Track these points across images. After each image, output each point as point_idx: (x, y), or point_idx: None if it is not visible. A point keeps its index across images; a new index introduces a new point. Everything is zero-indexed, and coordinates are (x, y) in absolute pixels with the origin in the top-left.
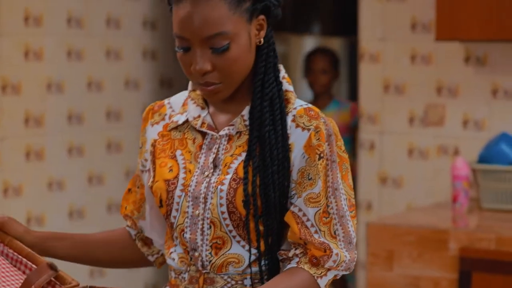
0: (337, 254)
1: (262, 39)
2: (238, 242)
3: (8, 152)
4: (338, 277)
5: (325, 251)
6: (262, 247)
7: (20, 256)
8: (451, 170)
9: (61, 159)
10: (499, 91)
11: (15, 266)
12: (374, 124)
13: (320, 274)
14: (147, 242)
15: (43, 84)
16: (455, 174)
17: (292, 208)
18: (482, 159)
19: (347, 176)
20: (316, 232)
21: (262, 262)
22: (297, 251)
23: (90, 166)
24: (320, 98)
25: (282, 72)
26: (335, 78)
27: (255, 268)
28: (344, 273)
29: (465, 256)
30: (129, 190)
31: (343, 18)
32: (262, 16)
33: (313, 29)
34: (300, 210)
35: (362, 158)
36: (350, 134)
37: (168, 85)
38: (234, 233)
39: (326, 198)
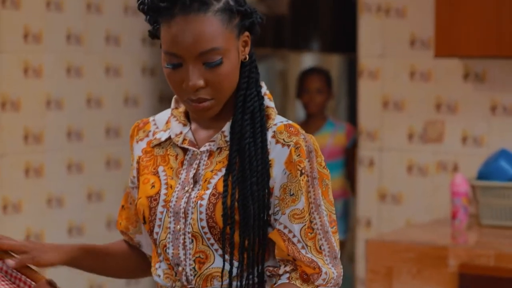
0: (326, 273)
1: (247, 56)
2: (221, 255)
3: (8, 169)
4: None
5: (314, 269)
6: (242, 260)
7: (19, 273)
8: (450, 187)
9: (60, 176)
10: (498, 107)
11: (14, 283)
12: (373, 141)
13: None
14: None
15: (42, 100)
16: (454, 190)
17: (277, 226)
18: (481, 176)
19: (327, 192)
20: (303, 247)
21: (245, 276)
22: (287, 268)
23: (89, 183)
24: (314, 119)
25: (264, 88)
26: (329, 98)
27: (239, 282)
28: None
29: (465, 272)
30: (122, 206)
31: (342, 35)
32: (247, 33)
33: (312, 46)
34: (285, 227)
35: (362, 175)
36: (345, 157)
37: (168, 102)
38: (216, 246)
39: (310, 214)
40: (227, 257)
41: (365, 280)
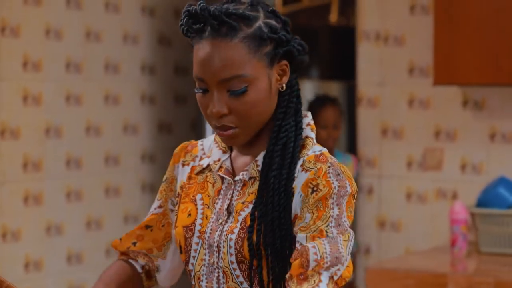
0: (315, 253)
1: (284, 85)
2: None
3: (7, 197)
4: (339, 277)
5: (301, 255)
6: None
7: None
8: (449, 214)
9: (59, 204)
10: (497, 135)
11: None
12: (372, 168)
13: (314, 283)
14: (149, 275)
15: (41, 128)
16: (453, 218)
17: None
18: (481, 203)
19: (351, 217)
20: (300, 244)
21: None
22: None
23: (88, 211)
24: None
25: (308, 119)
26: (341, 128)
27: None
28: (337, 267)
29: None
30: (147, 227)
31: (341, 63)
32: (285, 61)
33: (311, 74)
34: (297, 242)
35: (361, 202)
36: None
37: (167, 130)
38: (245, 284)
39: (327, 226)
40: None
41: None
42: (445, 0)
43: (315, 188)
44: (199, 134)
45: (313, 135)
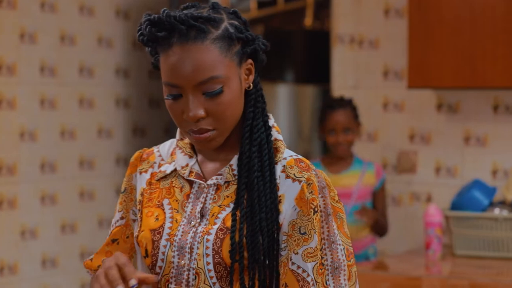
0: None
1: (251, 84)
2: None
3: None
4: None
5: None
6: None
7: None
8: (424, 217)
9: (34, 208)
10: (471, 138)
11: None
12: None
13: None
14: None
15: (16, 132)
16: (428, 221)
17: (290, 266)
18: (455, 206)
19: (342, 225)
20: (313, 285)
21: None
22: None
23: (63, 215)
24: (342, 157)
25: (272, 121)
26: (358, 131)
27: None
28: None
29: None
30: (113, 240)
31: (316, 67)
32: (250, 60)
33: (286, 78)
34: (298, 267)
35: None
36: (371, 199)
37: (141, 134)
38: (217, 285)
39: (321, 250)
40: None
41: None
42: (420, 4)
43: (316, 209)
44: (173, 137)
45: (280, 137)
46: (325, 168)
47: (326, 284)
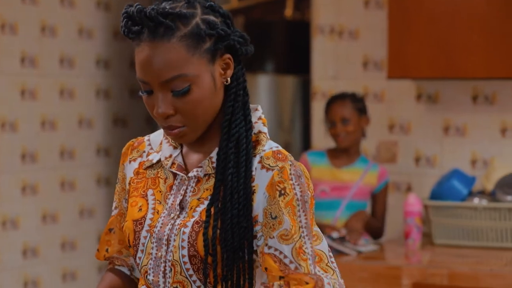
0: (329, 283)
1: (229, 79)
2: (198, 287)
3: None
4: None
5: (318, 280)
6: None
7: None
8: (403, 206)
9: (15, 198)
10: (450, 128)
11: None
12: None
13: None
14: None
15: None
16: (407, 210)
17: (267, 250)
18: (434, 196)
19: (313, 218)
20: (296, 268)
21: None
22: (277, 285)
23: (44, 205)
24: (346, 151)
25: (259, 113)
26: (362, 126)
27: None
28: None
29: None
30: (110, 230)
31: (297, 57)
32: (228, 55)
33: (266, 68)
34: (276, 249)
35: None
36: (369, 199)
37: (122, 124)
38: (194, 277)
39: (300, 238)
40: None
41: None
42: None
43: (282, 192)
44: (154, 128)
45: (265, 129)
46: (329, 160)
47: (313, 271)
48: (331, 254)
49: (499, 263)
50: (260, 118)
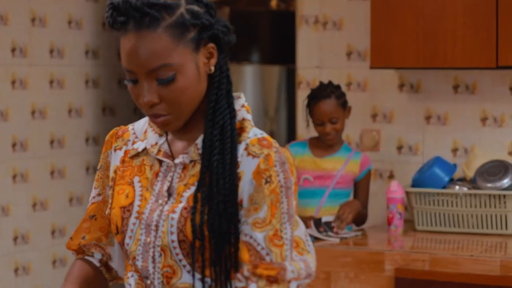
0: (292, 271)
1: (212, 67)
2: (188, 272)
3: None
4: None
5: (278, 269)
6: (212, 276)
7: None
8: (386, 193)
9: (5, 186)
10: (432, 116)
11: None
12: None
13: None
14: (109, 268)
15: None
16: (390, 197)
17: (243, 237)
18: (416, 183)
19: (296, 204)
20: (267, 254)
21: None
22: (245, 271)
23: (34, 192)
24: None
25: (242, 101)
26: (347, 118)
27: None
28: (307, 281)
29: (400, 276)
30: (91, 217)
31: (282, 47)
32: (211, 44)
33: (252, 58)
34: (251, 237)
35: None
36: (351, 188)
37: (111, 113)
38: (184, 262)
39: (281, 224)
40: (197, 274)
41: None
42: None
43: (268, 180)
44: (142, 116)
45: (249, 117)
46: (310, 150)
47: (285, 258)
48: (308, 238)
49: (479, 248)
50: (243, 105)
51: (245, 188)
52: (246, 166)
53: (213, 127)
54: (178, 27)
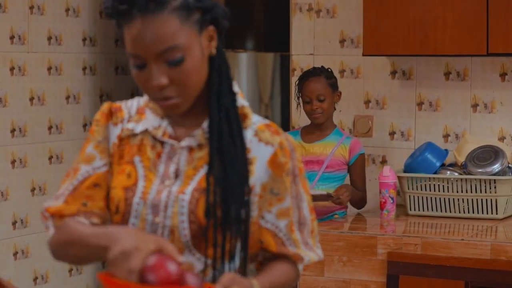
0: (308, 257)
1: (214, 50)
2: (190, 251)
3: None
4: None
5: (297, 258)
6: (218, 255)
7: None
8: (378, 178)
9: (4, 170)
10: (424, 103)
11: None
12: None
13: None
14: None
15: None
16: (382, 182)
17: (264, 224)
18: (408, 168)
19: (306, 183)
20: (288, 239)
21: (216, 271)
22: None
23: (32, 177)
24: (319, 127)
25: (236, 87)
26: (336, 101)
27: (207, 277)
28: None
29: (393, 260)
30: (95, 185)
31: (276, 35)
32: (211, 27)
33: (246, 46)
34: (273, 224)
35: None
36: (344, 171)
37: (108, 99)
38: (189, 243)
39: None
40: (196, 252)
41: None
42: None
43: (288, 172)
44: None
45: (246, 103)
46: (301, 137)
47: (297, 239)
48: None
49: (470, 232)
50: (237, 93)
51: (258, 175)
52: (258, 153)
53: (218, 109)
54: (183, 9)
